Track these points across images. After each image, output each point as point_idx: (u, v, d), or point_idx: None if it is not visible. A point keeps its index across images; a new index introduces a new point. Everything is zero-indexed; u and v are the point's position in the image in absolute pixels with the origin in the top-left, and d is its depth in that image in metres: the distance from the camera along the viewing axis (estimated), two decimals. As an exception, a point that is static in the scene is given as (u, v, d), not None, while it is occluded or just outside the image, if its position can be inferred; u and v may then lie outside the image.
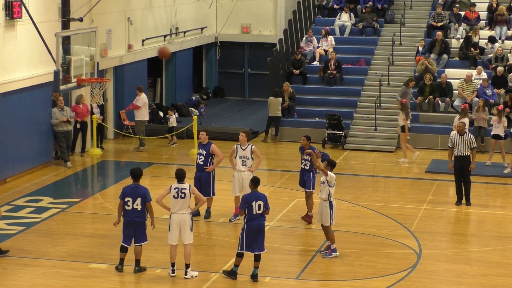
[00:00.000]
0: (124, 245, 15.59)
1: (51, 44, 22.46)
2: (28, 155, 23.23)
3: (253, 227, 15.15)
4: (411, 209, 20.43)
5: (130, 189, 15.50)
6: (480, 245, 17.87)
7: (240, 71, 36.38)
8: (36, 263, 16.20)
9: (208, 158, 18.75)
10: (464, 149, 20.31)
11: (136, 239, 15.52)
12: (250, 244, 15.22)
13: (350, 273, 15.93)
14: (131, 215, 15.40)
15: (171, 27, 32.02)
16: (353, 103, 29.16)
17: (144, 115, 26.81)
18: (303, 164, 18.85)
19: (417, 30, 32.11)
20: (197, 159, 18.90)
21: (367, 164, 25.55)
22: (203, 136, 18.87)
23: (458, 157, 20.43)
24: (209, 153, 18.74)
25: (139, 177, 15.59)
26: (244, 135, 18.85)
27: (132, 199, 15.34)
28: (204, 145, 18.84)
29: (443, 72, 28.78)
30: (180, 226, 15.41)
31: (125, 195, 15.42)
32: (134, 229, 15.45)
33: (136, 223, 15.41)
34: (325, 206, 16.60)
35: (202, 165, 18.79)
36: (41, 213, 19.52)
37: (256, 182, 15.44)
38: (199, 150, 18.92)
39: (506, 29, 30.55)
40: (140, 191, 15.41)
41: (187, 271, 15.49)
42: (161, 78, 32.96)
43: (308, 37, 31.53)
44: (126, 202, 15.38)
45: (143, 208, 15.36)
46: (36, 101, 23.51)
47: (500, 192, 22.65)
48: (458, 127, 20.60)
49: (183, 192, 15.36)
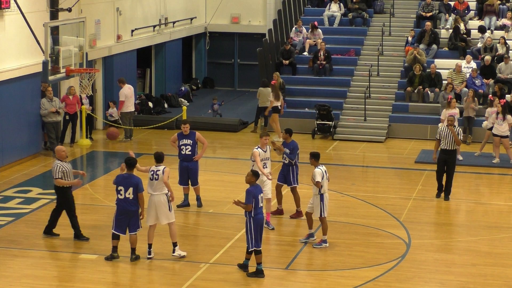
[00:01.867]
0: (115, 232, 15.59)
1: (39, 35, 22.38)
2: (17, 145, 23.16)
3: (260, 220, 15.08)
4: (400, 199, 20.47)
5: (123, 178, 15.52)
6: (469, 235, 17.92)
7: (230, 62, 36.32)
8: (25, 253, 16.17)
9: (195, 147, 18.80)
10: (451, 142, 20.09)
11: (131, 228, 15.57)
12: (258, 239, 15.07)
13: (340, 263, 15.95)
14: (123, 204, 15.41)
15: (160, 17, 31.93)
16: (343, 93, 29.16)
17: (127, 107, 26.67)
18: (284, 158, 18.59)
19: (407, 20, 32.11)
20: (183, 150, 18.86)
21: (357, 155, 25.56)
22: (188, 128, 18.88)
23: (444, 150, 20.14)
24: (195, 142, 18.78)
25: (133, 166, 15.60)
26: (187, 126, 18.83)
27: (124, 188, 15.37)
28: (188, 135, 18.84)
29: (432, 63, 28.81)
30: (156, 207, 15.67)
31: (118, 184, 15.46)
32: (128, 218, 15.48)
33: (129, 212, 15.44)
34: (316, 198, 16.62)
35: (190, 155, 18.79)
36: (30, 204, 19.48)
37: (257, 175, 15.37)
38: (182, 141, 18.87)
39: (495, 19, 30.57)
40: (133, 181, 15.41)
41: (174, 249, 15.82)
42: (150, 69, 32.87)
43: (298, 28, 31.49)
44: (118, 191, 15.43)
45: (135, 197, 15.40)
46: (24, 91, 23.43)
47: (489, 182, 22.71)
48: (448, 121, 20.43)
49: (157, 174, 15.73)
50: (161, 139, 27.04)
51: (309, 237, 16.96)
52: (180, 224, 18.08)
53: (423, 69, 28.52)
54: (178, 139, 18.98)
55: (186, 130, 18.87)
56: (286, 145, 18.29)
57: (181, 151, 18.93)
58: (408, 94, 28.26)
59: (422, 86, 28.09)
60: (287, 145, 18.29)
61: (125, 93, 26.53)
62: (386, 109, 28.22)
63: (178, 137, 19.02)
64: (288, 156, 18.12)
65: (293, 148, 18.24)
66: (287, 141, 18.33)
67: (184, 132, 18.90)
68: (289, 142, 18.31)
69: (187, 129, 18.88)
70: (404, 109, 28.05)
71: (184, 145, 18.87)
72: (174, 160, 19.30)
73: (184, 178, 18.94)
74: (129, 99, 26.70)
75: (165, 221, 15.78)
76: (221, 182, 20.66)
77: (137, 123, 27.63)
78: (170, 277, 15.12)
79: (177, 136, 19.05)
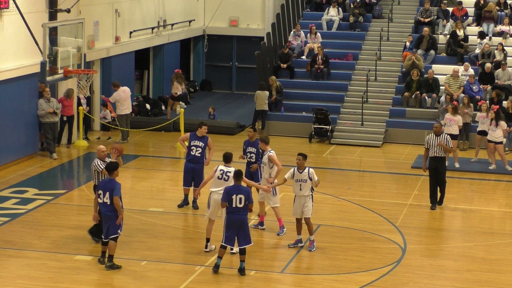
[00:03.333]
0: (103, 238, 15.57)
1: (38, 35, 22.38)
2: (14, 146, 23.15)
3: (233, 220, 15.15)
4: (396, 204, 20.48)
5: (103, 182, 15.46)
6: (465, 241, 17.94)
7: (228, 65, 36.34)
8: (21, 254, 16.16)
9: (205, 151, 18.77)
10: (440, 150, 19.94)
11: (108, 233, 15.35)
12: (230, 238, 15.23)
13: (335, 267, 15.96)
14: (102, 208, 15.37)
15: (158, 19, 31.94)
16: (340, 97, 29.19)
17: (122, 110, 26.65)
18: (248, 157, 18.61)
19: (405, 25, 32.15)
20: (193, 151, 18.77)
21: (353, 159, 25.58)
22: (205, 130, 18.83)
23: (433, 158, 19.94)
24: (206, 146, 18.77)
25: (112, 170, 15.40)
26: (205, 128, 18.87)
27: (103, 192, 15.25)
28: (201, 137, 18.79)
29: (430, 68, 28.85)
30: (218, 204, 15.84)
31: (98, 188, 15.40)
32: (106, 223, 15.37)
33: (106, 217, 15.31)
34: (308, 200, 16.59)
35: (199, 157, 18.73)
36: (26, 204, 19.47)
37: (238, 175, 15.47)
38: (194, 142, 18.77)
39: (493, 26, 30.62)
40: (110, 185, 15.24)
41: (207, 245, 16.30)
42: (148, 71, 32.88)
43: (296, 31, 31.52)
44: (98, 195, 15.33)
45: (112, 203, 15.18)
46: (22, 92, 23.42)
47: (485, 188, 22.73)
48: (434, 128, 20.15)
49: (227, 175, 16.09)
50: (158, 141, 27.05)
51: (298, 243, 16.93)
52: (177, 227, 18.10)
53: (421, 74, 28.56)
54: (190, 139, 18.94)
55: (204, 131, 18.82)
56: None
57: (190, 152, 18.83)
58: (406, 99, 28.29)
59: (419, 92, 28.13)
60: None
61: (116, 97, 26.48)
62: (383, 114, 28.25)
63: (190, 137, 18.94)
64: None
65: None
66: (251, 141, 18.55)
67: (199, 134, 18.85)
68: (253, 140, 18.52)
69: (205, 131, 18.84)
70: (401, 114, 28.08)
71: (195, 146, 18.78)
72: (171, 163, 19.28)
73: (188, 179, 18.87)
74: (123, 102, 26.64)
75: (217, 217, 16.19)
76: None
77: (134, 125, 27.63)
78: (166, 279, 15.11)
79: (190, 135, 18.98)
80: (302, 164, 16.59)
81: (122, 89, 26.68)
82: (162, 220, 18.34)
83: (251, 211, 15.82)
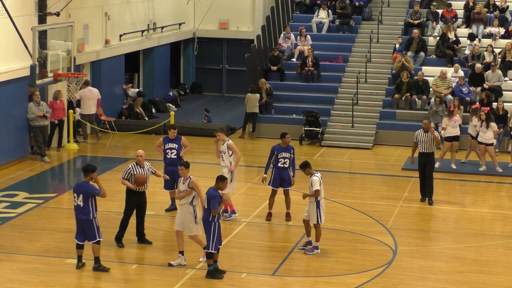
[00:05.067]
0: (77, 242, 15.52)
1: (27, 39, 22.33)
2: (3, 149, 23.09)
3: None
4: (387, 206, 20.50)
5: (77, 185, 15.47)
6: (455, 242, 17.97)
7: (218, 67, 36.32)
8: (11, 258, 16.11)
9: (180, 151, 18.84)
10: (428, 146, 20.46)
11: (87, 237, 15.36)
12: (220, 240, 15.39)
13: (326, 269, 15.96)
14: (75, 211, 15.35)
15: (148, 22, 31.91)
16: (331, 100, 29.21)
17: (85, 109, 26.52)
18: (281, 163, 18.74)
19: (395, 27, 32.20)
20: (169, 154, 18.92)
21: (344, 161, 25.60)
22: (175, 133, 18.93)
23: (422, 153, 20.61)
24: (180, 146, 18.85)
25: (87, 172, 15.39)
26: (175, 131, 18.96)
27: (77, 195, 15.25)
28: (174, 139, 18.90)
29: (420, 70, 28.90)
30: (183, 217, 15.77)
31: (73, 191, 15.40)
32: (81, 227, 15.36)
33: (80, 221, 15.30)
34: (312, 205, 16.66)
35: (176, 159, 18.78)
36: (16, 208, 19.41)
37: (220, 179, 15.63)
38: (168, 145, 18.92)
39: (483, 28, 30.69)
40: (84, 188, 15.25)
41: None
42: (138, 74, 32.83)
43: (286, 34, 31.53)
44: (74, 197, 15.32)
45: (85, 205, 15.15)
46: (12, 95, 23.36)
47: (476, 190, 22.77)
48: (424, 124, 20.71)
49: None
50: (148, 144, 26.96)
51: (307, 245, 16.95)
52: (168, 230, 18.08)
53: (411, 76, 28.60)
54: (163, 143, 19.00)
55: (173, 135, 18.89)
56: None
57: (166, 155, 18.96)
58: (396, 101, 28.33)
59: (409, 93, 28.17)
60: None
61: (81, 94, 26.46)
62: (373, 116, 28.28)
63: (163, 141, 19.05)
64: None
65: None
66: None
67: (171, 137, 18.92)
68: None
69: (174, 134, 18.91)
70: (391, 116, 28.12)
71: (169, 149, 18.90)
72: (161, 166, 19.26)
73: (169, 182, 18.89)
74: (86, 101, 26.54)
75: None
76: (208, 187, 20.60)
77: (124, 128, 27.59)
78: (157, 282, 15.09)
79: (163, 140, 19.08)
80: (307, 173, 16.85)
81: (89, 89, 26.65)
82: (153, 223, 18.31)
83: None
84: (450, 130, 24.00)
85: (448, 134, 24.02)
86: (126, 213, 16.91)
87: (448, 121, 24.10)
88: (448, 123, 24.09)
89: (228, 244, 17.11)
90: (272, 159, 18.77)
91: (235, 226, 18.37)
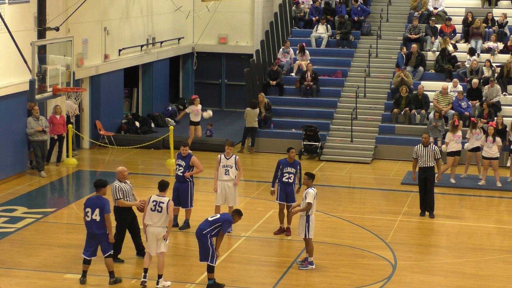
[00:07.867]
0: (84, 257, 15.45)
1: (26, 53, 22.34)
2: (2, 164, 23.08)
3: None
4: (386, 220, 20.48)
5: (91, 200, 15.40)
6: (455, 257, 17.94)
7: (217, 82, 36.36)
8: (10, 273, 16.07)
9: (187, 170, 18.72)
10: (428, 160, 20.47)
11: (102, 251, 15.33)
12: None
13: (326, 284, 15.93)
14: (90, 227, 15.27)
15: (147, 37, 31.97)
16: (330, 114, 29.23)
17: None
18: (286, 177, 18.77)
19: (393, 42, 32.26)
20: (176, 170, 18.89)
21: (343, 176, 25.60)
22: (186, 150, 18.86)
23: (422, 168, 20.60)
24: (188, 165, 18.73)
25: (99, 187, 15.41)
26: (186, 149, 18.89)
27: (91, 209, 15.19)
28: (184, 156, 18.83)
29: (419, 84, 28.92)
30: (156, 237, 15.34)
31: (85, 206, 15.32)
32: (96, 242, 15.31)
33: (96, 236, 15.24)
34: (302, 219, 16.64)
35: (181, 176, 18.75)
36: (15, 223, 19.39)
37: (237, 213, 15.55)
38: (178, 161, 18.88)
39: (481, 43, 30.75)
40: (100, 202, 15.23)
41: (158, 281, 15.37)
42: (137, 88, 32.85)
43: (285, 49, 31.59)
44: (86, 213, 15.25)
45: (101, 220, 15.14)
46: (11, 110, 23.37)
47: (475, 204, 22.75)
48: (423, 138, 20.72)
49: (161, 206, 15.32)
50: (147, 158, 27.02)
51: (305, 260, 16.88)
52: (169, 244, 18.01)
53: (410, 91, 28.64)
54: (176, 158, 19.08)
55: (184, 152, 18.88)
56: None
57: (175, 170, 18.98)
58: (395, 116, 28.35)
59: (408, 108, 28.20)
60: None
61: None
62: (372, 131, 28.30)
63: (177, 156, 19.12)
64: None
65: None
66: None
67: (183, 154, 18.91)
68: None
69: (185, 151, 18.89)
70: (390, 130, 28.14)
71: (178, 165, 18.88)
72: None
73: (173, 198, 18.86)
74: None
75: (160, 250, 15.35)
76: (208, 202, 20.60)
77: (123, 142, 27.59)
78: (156, 297, 15.07)
79: (177, 155, 19.13)
80: (306, 184, 16.95)
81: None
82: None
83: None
84: (454, 145, 23.99)
85: (452, 149, 23.99)
86: (119, 231, 16.64)
87: (453, 136, 24.05)
88: (452, 138, 24.05)
89: (228, 258, 17.08)
90: (278, 172, 18.80)
91: (235, 241, 18.34)
